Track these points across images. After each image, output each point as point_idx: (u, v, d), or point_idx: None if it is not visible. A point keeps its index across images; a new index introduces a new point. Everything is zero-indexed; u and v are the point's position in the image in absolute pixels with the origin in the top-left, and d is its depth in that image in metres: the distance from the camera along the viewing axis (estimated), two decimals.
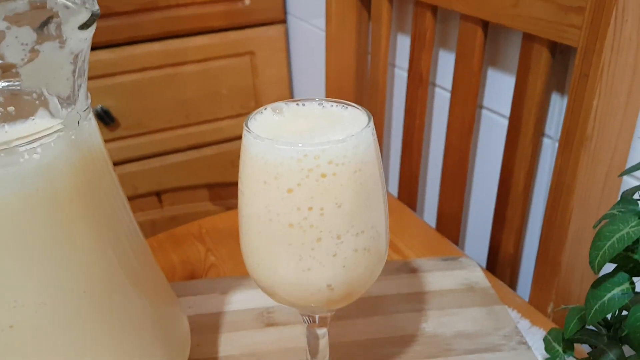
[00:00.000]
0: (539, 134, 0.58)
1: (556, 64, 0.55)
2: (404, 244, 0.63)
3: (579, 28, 0.47)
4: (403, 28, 0.77)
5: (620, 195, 0.33)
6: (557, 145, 0.51)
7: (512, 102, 0.58)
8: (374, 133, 0.32)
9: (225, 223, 0.68)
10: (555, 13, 0.49)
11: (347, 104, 0.34)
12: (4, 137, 0.29)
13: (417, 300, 0.52)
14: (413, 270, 0.56)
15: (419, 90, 0.71)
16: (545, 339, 0.42)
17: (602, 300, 0.31)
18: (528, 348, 0.47)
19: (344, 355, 0.47)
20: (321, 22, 0.95)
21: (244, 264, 0.36)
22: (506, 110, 0.62)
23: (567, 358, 0.39)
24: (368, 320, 0.50)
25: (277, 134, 0.32)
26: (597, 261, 0.31)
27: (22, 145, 0.30)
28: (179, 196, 1.09)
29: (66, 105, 0.32)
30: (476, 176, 0.71)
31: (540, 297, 0.56)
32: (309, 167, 0.30)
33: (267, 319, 0.51)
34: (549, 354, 0.41)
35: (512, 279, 0.65)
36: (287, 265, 0.32)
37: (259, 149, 0.30)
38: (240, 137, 0.33)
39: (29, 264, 0.31)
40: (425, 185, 0.81)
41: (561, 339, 0.40)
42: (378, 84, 0.78)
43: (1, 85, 0.29)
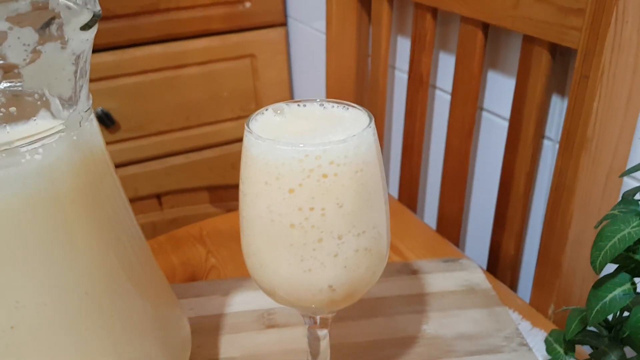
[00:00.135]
0: (540, 135, 0.58)
1: (556, 65, 0.55)
2: (404, 246, 0.63)
3: (579, 30, 0.47)
4: (403, 30, 0.77)
5: (621, 196, 0.33)
6: (558, 147, 0.51)
7: (513, 104, 0.58)
8: (375, 133, 0.32)
9: (226, 225, 0.68)
10: (556, 15, 0.49)
11: (348, 105, 0.34)
12: (6, 138, 0.29)
13: (418, 301, 0.52)
14: (414, 272, 0.56)
15: (419, 92, 0.72)
16: (546, 340, 0.42)
17: (604, 301, 0.31)
18: (529, 350, 0.47)
19: (345, 356, 0.47)
20: (321, 25, 0.95)
21: (245, 266, 0.36)
22: (506, 112, 0.62)
23: (568, 359, 0.39)
24: (369, 321, 0.50)
25: (278, 134, 0.32)
26: (599, 261, 0.31)
27: (24, 146, 0.30)
28: (179, 198, 1.09)
29: (68, 106, 0.32)
30: (477, 178, 0.71)
31: (541, 299, 0.56)
32: (310, 168, 0.30)
33: (268, 320, 0.51)
34: (550, 356, 0.41)
35: (513, 281, 0.65)
36: (289, 265, 0.32)
37: (260, 149, 0.30)
38: (241, 140, 0.33)
39: (30, 265, 0.31)
40: (426, 187, 0.81)
41: (562, 340, 0.40)
42: (378, 86, 0.78)
43: (3, 85, 0.29)
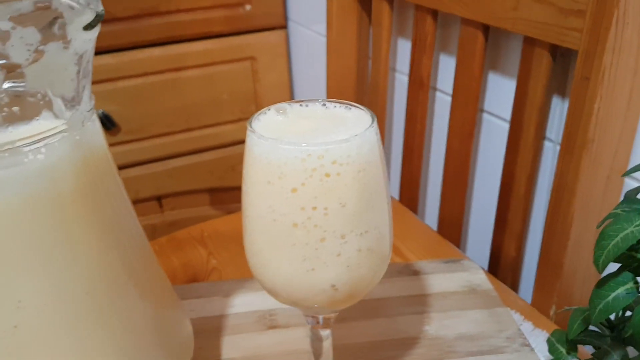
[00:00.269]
0: (540, 137, 0.58)
1: (557, 67, 0.55)
2: (405, 247, 0.63)
3: (579, 31, 0.47)
4: (404, 32, 0.77)
5: (624, 195, 0.33)
6: (559, 148, 0.52)
7: (513, 106, 0.58)
8: (378, 133, 0.32)
9: (227, 226, 0.68)
10: (556, 16, 0.49)
11: (351, 105, 0.34)
12: (9, 137, 0.29)
13: (420, 302, 0.52)
14: (415, 273, 0.56)
15: (419, 94, 0.72)
16: (548, 341, 0.42)
17: (607, 300, 0.31)
18: (531, 350, 0.46)
19: (346, 357, 0.47)
20: (322, 28, 0.95)
21: (246, 267, 0.36)
22: (507, 113, 0.62)
23: (571, 359, 0.39)
24: (370, 322, 0.50)
25: (281, 134, 0.32)
26: (602, 260, 0.31)
27: (27, 146, 0.30)
28: (179, 201, 1.09)
29: (70, 106, 0.32)
30: (477, 179, 0.71)
31: (542, 300, 0.56)
32: (312, 167, 0.30)
33: (270, 321, 0.50)
34: (553, 356, 0.41)
35: (514, 282, 0.65)
36: (291, 265, 0.32)
37: (263, 148, 0.31)
38: (241, 142, 0.33)
39: (32, 265, 0.31)
40: (427, 188, 0.81)
41: (565, 340, 0.40)
42: (379, 89, 0.78)
43: (6, 85, 0.29)
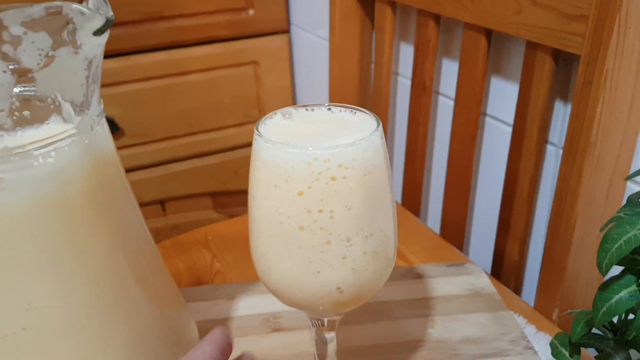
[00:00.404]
0: (543, 141, 0.58)
1: (559, 71, 0.55)
2: (408, 250, 0.63)
3: (582, 36, 0.47)
4: (406, 37, 0.78)
5: (627, 199, 0.34)
6: (561, 152, 0.52)
7: (516, 110, 0.59)
8: (383, 137, 0.33)
9: (231, 230, 0.68)
10: (558, 21, 0.49)
11: (356, 109, 0.35)
12: (19, 141, 0.30)
13: (423, 305, 0.53)
14: (418, 276, 0.56)
15: (422, 98, 0.72)
16: (552, 344, 0.42)
17: (610, 303, 0.32)
18: (535, 353, 0.47)
19: None
20: (324, 32, 0.96)
21: (250, 270, 0.36)
22: (510, 117, 0.62)
23: None
24: (374, 325, 0.50)
25: (287, 138, 0.32)
26: (605, 263, 0.31)
27: (37, 149, 0.30)
28: (182, 204, 1.10)
29: (79, 110, 0.32)
30: (480, 183, 0.71)
31: (545, 303, 0.56)
32: (319, 171, 0.30)
33: (274, 324, 0.51)
34: (556, 358, 0.41)
35: (517, 285, 0.65)
36: (297, 268, 0.32)
37: (270, 152, 0.31)
38: (244, 146, 0.33)
39: (41, 267, 0.32)
40: (429, 191, 0.81)
41: (568, 343, 0.40)
42: (382, 93, 0.78)
43: (17, 90, 0.30)
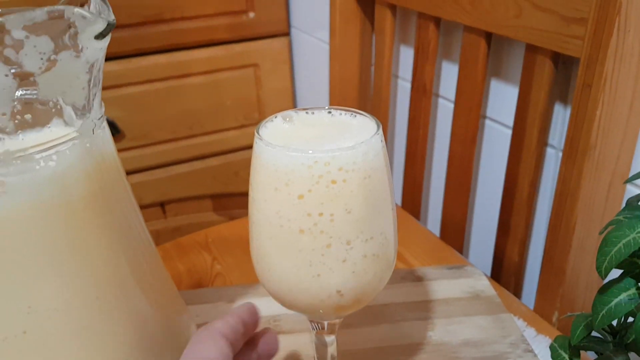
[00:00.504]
0: (543, 143, 0.58)
1: (559, 74, 0.56)
2: (408, 253, 0.63)
3: (581, 39, 0.47)
4: (406, 39, 0.78)
5: (626, 202, 0.34)
6: (561, 154, 0.52)
7: (516, 113, 0.59)
8: (383, 140, 0.33)
9: (231, 232, 0.68)
10: (558, 24, 0.50)
11: (356, 112, 0.35)
12: (21, 145, 0.30)
13: (423, 308, 0.53)
14: (418, 279, 0.56)
15: (422, 101, 0.72)
16: (551, 347, 0.42)
17: (609, 306, 0.32)
18: (534, 356, 0.47)
19: None
20: (324, 35, 0.96)
21: (250, 273, 0.36)
22: (510, 120, 0.63)
23: None
24: (375, 328, 0.50)
25: (288, 141, 0.32)
26: (604, 267, 0.31)
27: (39, 153, 0.30)
28: (183, 207, 1.10)
29: (81, 114, 0.33)
30: (480, 185, 0.71)
31: (545, 306, 0.56)
32: (319, 174, 0.30)
33: (274, 327, 0.51)
34: None
35: (517, 288, 0.65)
36: (297, 271, 0.32)
37: (270, 155, 0.31)
38: (245, 148, 0.33)
39: (42, 270, 0.32)
40: (429, 194, 0.82)
41: (567, 346, 0.40)
42: (382, 95, 0.78)
43: (19, 93, 0.30)
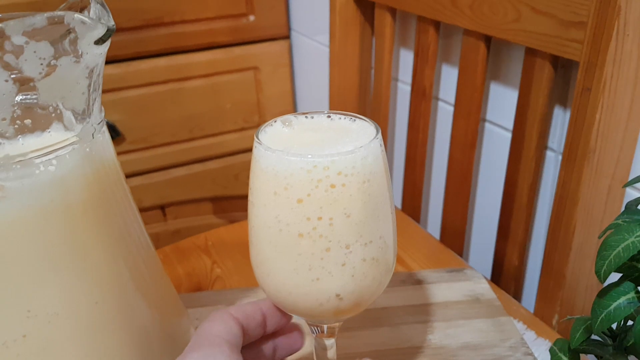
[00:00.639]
0: (542, 147, 0.58)
1: (558, 78, 0.56)
2: (408, 256, 0.63)
3: (580, 42, 0.47)
4: (406, 43, 0.78)
5: (625, 206, 0.34)
6: (560, 158, 0.52)
7: (515, 116, 0.59)
8: (382, 145, 0.33)
9: (231, 235, 0.68)
10: (557, 28, 0.50)
11: (355, 117, 0.35)
12: (20, 149, 0.30)
13: (423, 311, 0.53)
14: (418, 282, 0.57)
15: (422, 104, 0.72)
16: (551, 350, 0.42)
17: (608, 309, 0.32)
18: (534, 359, 0.47)
19: None
20: (324, 38, 0.96)
21: (250, 276, 0.36)
22: (509, 123, 0.63)
23: None
24: (374, 331, 0.50)
25: (287, 145, 0.32)
26: (603, 270, 0.31)
27: (38, 157, 0.30)
28: (183, 209, 1.10)
29: (81, 118, 0.33)
30: (480, 188, 0.71)
31: (545, 309, 0.56)
32: (318, 178, 0.30)
33: None
34: None
35: (517, 291, 0.65)
36: (297, 275, 0.32)
37: (270, 160, 0.31)
38: (244, 151, 0.33)
39: (42, 275, 0.32)
40: (429, 197, 0.82)
41: (567, 349, 0.40)
42: (381, 98, 0.78)
43: (19, 98, 0.30)
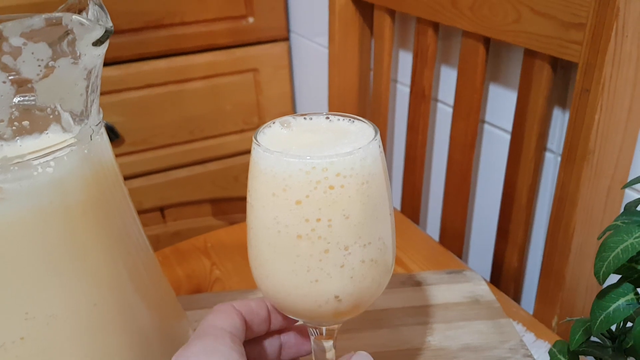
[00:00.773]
0: (541, 148, 0.58)
1: (557, 79, 0.56)
2: (408, 258, 0.63)
3: (579, 44, 0.47)
4: (405, 44, 0.78)
5: (624, 207, 0.34)
6: (560, 159, 0.52)
7: (514, 117, 0.59)
8: (381, 146, 0.33)
9: (230, 237, 0.68)
10: (556, 29, 0.50)
11: (354, 118, 0.35)
12: (18, 151, 0.30)
13: (423, 313, 0.52)
14: (418, 284, 0.56)
15: (421, 105, 0.72)
16: (550, 352, 0.42)
17: (607, 311, 0.32)
18: None
19: None
20: (324, 40, 0.96)
21: (249, 278, 0.36)
22: (508, 125, 0.63)
23: None
24: (374, 333, 0.50)
25: (286, 147, 0.32)
26: (602, 272, 0.31)
27: (36, 159, 0.30)
28: (182, 211, 1.10)
29: (79, 120, 0.33)
30: (479, 190, 0.71)
31: (544, 311, 0.56)
32: (317, 179, 0.30)
33: None
34: None
35: (516, 293, 0.65)
36: (296, 276, 0.32)
37: (268, 161, 0.31)
38: (244, 152, 0.33)
39: (41, 277, 0.32)
40: (429, 199, 0.82)
41: (566, 351, 0.40)
42: (381, 100, 0.78)
43: (17, 100, 0.30)
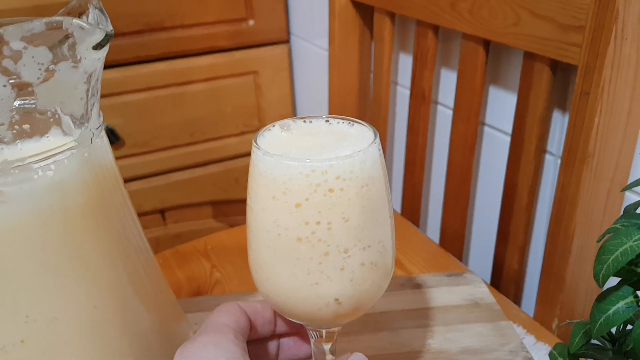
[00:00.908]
0: (541, 150, 0.59)
1: (557, 81, 0.56)
2: (407, 260, 0.63)
3: (579, 46, 0.47)
4: (405, 47, 0.78)
5: (623, 210, 0.34)
6: (560, 161, 0.52)
7: (514, 120, 0.59)
8: (380, 149, 0.33)
9: (231, 239, 0.68)
10: (556, 32, 0.50)
11: (354, 121, 0.35)
12: (19, 154, 0.30)
13: (423, 316, 0.52)
14: (418, 286, 0.56)
15: (421, 108, 0.72)
16: (551, 354, 0.42)
17: (607, 314, 0.32)
18: None
19: None
20: (324, 42, 0.96)
21: (250, 280, 0.36)
22: (508, 127, 0.63)
23: None
24: (374, 336, 0.50)
25: (286, 150, 0.32)
26: (602, 275, 0.31)
27: (36, 162, 0.30)
28: (183, 214, 1.10)
29: (79, 123, 0.33)
30: (479, 192, 0.71)
31: (544, 313, 0.56)
32: (317, 182, 0.30)
33: None
34: None
35: (517, 295, 0.65)
36: (295, 279, 0.32)
37: (268, 164, 0.31)
38: (245, 155, 0.33)
39: (41, 279, 0.32)
40: (429, 201, 0.82)
41: (567, 353, 0.40)
42: (381, 102, 0.79)
43: (17, 103, 0.30)
